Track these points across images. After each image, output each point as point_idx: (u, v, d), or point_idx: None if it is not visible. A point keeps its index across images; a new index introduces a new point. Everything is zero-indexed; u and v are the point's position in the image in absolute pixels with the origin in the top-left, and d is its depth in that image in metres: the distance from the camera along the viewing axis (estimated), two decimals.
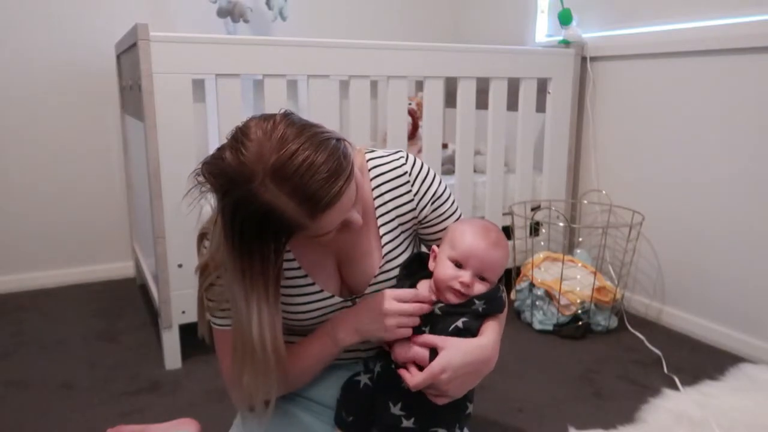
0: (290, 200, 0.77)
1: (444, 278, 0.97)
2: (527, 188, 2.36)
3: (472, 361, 0.90)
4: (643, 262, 2.23)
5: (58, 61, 2.42)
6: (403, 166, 1.03)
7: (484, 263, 0.97)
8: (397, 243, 1.04)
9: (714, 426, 1.43)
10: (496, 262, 0.98)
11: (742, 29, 1.84)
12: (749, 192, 1.87)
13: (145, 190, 1.83)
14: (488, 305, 0.97)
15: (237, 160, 0.77)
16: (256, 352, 0.86)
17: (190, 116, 1.69)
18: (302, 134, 0.79)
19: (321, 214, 0.80)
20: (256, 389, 0.89)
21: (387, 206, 1.03)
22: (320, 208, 0.79)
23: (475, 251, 0.96)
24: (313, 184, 0.77)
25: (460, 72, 2.10)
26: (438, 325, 0.94)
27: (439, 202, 1.05)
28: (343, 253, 1.03)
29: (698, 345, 1.99)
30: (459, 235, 0.99)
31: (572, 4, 2.36)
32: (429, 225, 1.06)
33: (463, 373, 0.90)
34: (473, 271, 0.96)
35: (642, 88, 2.18)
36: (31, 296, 2.42)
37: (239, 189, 0.77)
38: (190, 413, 1.55)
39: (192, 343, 1.86)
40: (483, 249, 0.97)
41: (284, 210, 0.78)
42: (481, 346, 0.93)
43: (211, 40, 1.69)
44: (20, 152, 2.43)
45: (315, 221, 0.80)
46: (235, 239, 0.80)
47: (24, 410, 1.57)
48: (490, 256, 0.97)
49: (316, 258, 1.01)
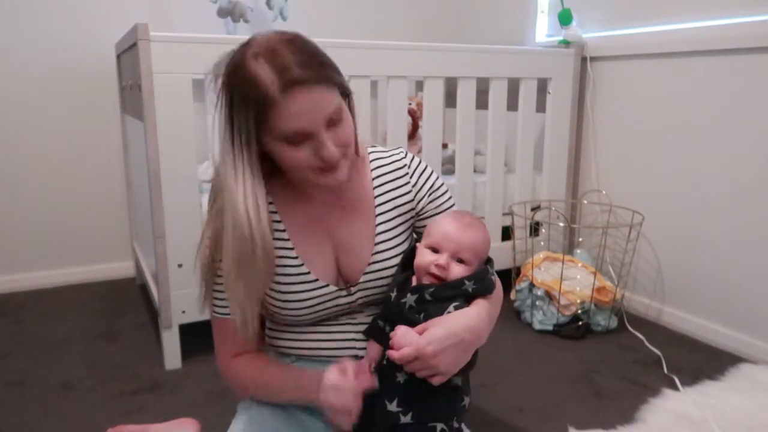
0: (270, 70, 0.85)
1: (422, 265, 0.99)
2: (527, 188, 2.36)
3: (457, 331, 0.90)
4: (643, 262, 2.23)
5: (58, 61, 2.42)
6: (403, 159, 1.09)
7: (459, 244, 0.98)
8: (393, 234, 1.07)
9: (714, 426, 1.43)
10: (470, 241, 0.99)
11: (742, 29, 1.84)
12: (749, 192, 1.87)
13: (145, 190, 1.83)
14: (477, 285, 0.97)
15: (241, 45, 0.90)
16: (246, 238, 0.90)
17: (190, 116, 1.69)
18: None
19: (290, 90, 0.85)
20: (246, 293, 0.94)
21: (386, 196, 1.07)
22: (290, 83, 0.84)
23: (447, 233, 0.99)
24: (293, 57, 0.86)
25: (460, 72, 2.10)
26: (431, 310, 0.95)
27: (437, 194, 1.10)
28: (339, 239, 1.05)
29: (698, 345, 1.99)
30: (434, 225, 1.03)
31: (572, 4, 2.36)
32: (426, 217, 1.10)
33: (450, 345, 0.89)
34: (449, 253, 0.98)
35: (642, 88, 2.18)
36: (31, 296, 2.42)
37: (235, 60, 0.89)
38: (190, 413, 1.55)
39: (192, 343, 1.86)
40: (455, 230, 0.99)
41: (263, 79, 0.85)
42: (466, 315, 0.93)
43: (211, 40, 1.69)
44: (20, 152, 2.43)
45: (285, 98, 0.85)
46: (224, 109, 0.90)
47: (24, 410, 1.57)
48: (464, 237, 0.99)
49: (313, 245, 1.03)
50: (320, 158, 0.90)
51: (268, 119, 0.87)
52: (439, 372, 0.90)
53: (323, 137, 0.89)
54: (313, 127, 0.88)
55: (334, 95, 0.90)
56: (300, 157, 0.90)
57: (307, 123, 0.88)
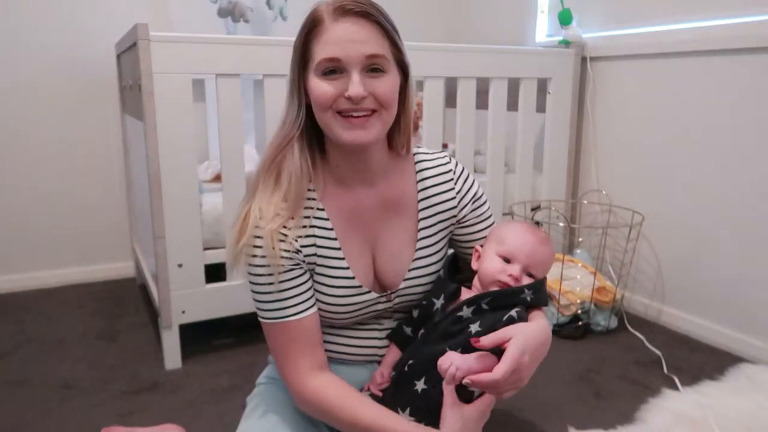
0: (329, 4, 0.89)
1: (492, 272, 0.97)
2: (527, 188, 2.36)
3: (542, 341, 0.89)
4: (643, 262, 2.23)
5: (58, 61, 2.42)
6: (448, 164, 1.06)
7: (533, 259, 0.97)
8: (434, 240, 1.05)
9: (714, 426, 1.43)
10: (544, 258, 0.99)
11: (742, 29, 1.84)
12: (749, 192, 1.87)
13: (145, 190, 1.83)
14: (536, 296, 0.96)
15: None
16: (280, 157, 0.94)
17: (190, 116, 1.69)
18: None
19: (338, 17, 0.87)
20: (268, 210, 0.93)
21: (429, 201, 1.04)
22: (340, 10, 0.87)
23: (523, 246, 0.97)
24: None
25: (460, 72, 2.10)
26: (488, 319, 0.92)
27: (479, 203, 1.08)
28: (380, 241, 1.02)
29: (698, 345, 1.99)
30: (507, 232, 1.01)
31: (572, 4, 2.36)
32: (466, 225, 1.07)
33: (538, 355, 0.88)
34: (522, 265, 0.97)
35: (642, 88, 2.18)
36: (31, 296, 2.42)
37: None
38: (189, 413, 1.55)
39: (192, 343, 1.86)
40: (531, 244, 0.98)
41: (320, 6, 0.90)
42: (541, 326, 0.92)
43: (211, 40, 1.69)
44: (20, 152, 2.43)
45: (331, 22, 0.88)
46: (294, 41, 0.94)
47: (24, 410, 1.57)
48: (539, 252, 0.98)
49: (355, 244, 1.00)
50: (347, 96, 0.87)
51: (313, 47, 0.89)
52: (521, 383, 0.87)
53: (354, 75, 0.87)
54: (348, 59, 0.87)
55: (381, 41, 0.89)
56: (328, 92, 0.88)
57: (342, 52, 0.86)
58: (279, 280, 0.93)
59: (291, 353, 0.95)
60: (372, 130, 0.90)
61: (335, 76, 0.88)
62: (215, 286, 1.80)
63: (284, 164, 0.94)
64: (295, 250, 0.94)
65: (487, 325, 0.91)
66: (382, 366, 1.02)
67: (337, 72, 0.88)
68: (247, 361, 1.82)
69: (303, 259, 0.96)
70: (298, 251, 0.95)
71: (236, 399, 1.61)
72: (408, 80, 0.96)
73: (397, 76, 0.93)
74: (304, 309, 0.95)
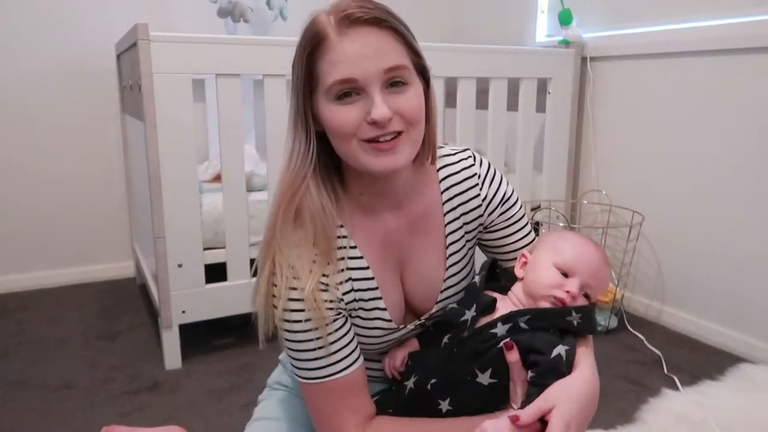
0: (329, 12, 0.77)
1: (547, 284, 0.85)
2: (527, 188, 2.36)
3: (589, 401, 0.80)
4: (643, 262, 2.23)
5: (58, 61, 2.42)
6: (473, 166, 0.95)
7: (595, 276, 0.86)
8: (462, 254, 0.94)
9: (714, 426, 1.43)
10: (605, 277, 0.89)
11: (742, 29, 1.84)
12: (749, 192, 1.87)
13: (145, 190, 1.83)
14: (584, 321, 0.84)
15: None
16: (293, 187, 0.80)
17: (190, 116, 1.69)
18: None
19: (345, 30, 0.75)
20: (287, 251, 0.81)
21: (455, 212, 0.92)
22: (345, 19, 0.75)
23: (587, 261, 0.86)
24: (357, 2, 0.76)
25: (460, 72, 2.10)
26: (523, 340, 0.81)
27: (508, 205, 0.96)
28: (409, 266, 0.92)
29: (698, 345, 1.99)
30: (566, 242, 0.89)
31: (572, 4, 2.36)
32: (495, 230, 0.96)
33: (585, 419, 0.79)
34: (581, 282, 0.85)
35: (642, 88, 2.18)
36: (31, 296, 2.42)
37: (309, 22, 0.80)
38: (190, 413, 1.55)
39: (192, 343, 1.86)
40: (597, 261, 0.87)
41: (320, 18, 0.77)
42: (587, 379, 0.82)
43: (211, 40, 1.69)
44: (20, 152, 2.43)
45: (337, 36, 0.75)
46: (293, 61, 0.81)
47: (24, 410, 1.57)
48: (602, 271, 0.87)
49: (387, 279, 0.90)
50: (370, 121, 0.75)
51: (319, 69, 0.77)
52: None
53: (376, 95, 0.75)
54: (365, 78, 0.74)
55: (399, 50, 0.77)
56: (348, 120, 0.76)
57: (357, 70, 0.74)
58: (327, 334, 0.82)
59: (340, 411, 0.84)
60: (403, 154, 0.78)
61: (351, 99, 0.76)
62: (215, 286, 1.80)
63: (303, 204, 0.81)
64: (338, 299, 0.84)
65: (522, 348, 0.81)
66: (400, 350, 0.92)
67: (353, 94, 0.76)
68: (247, 361, 1.82)
69: (345, 306, 0.85)
70: (341, 299, 0.84)
71: (236, 399, 1.61)
72: (429, 85, 0.84)
73: (420, 85, 0.81)
74: (354, 360, 0.85)
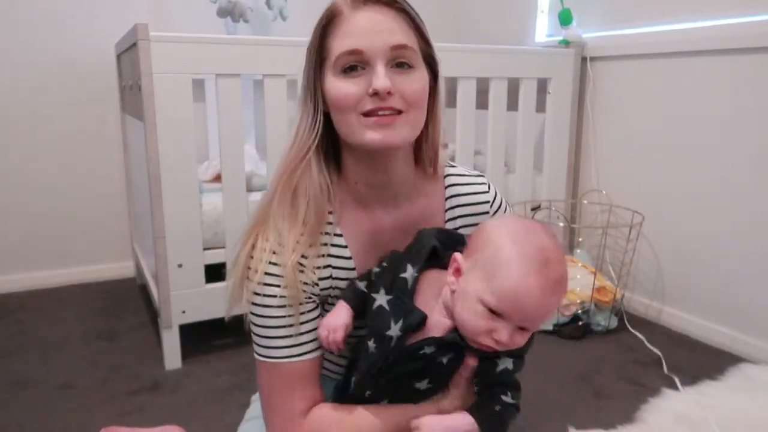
0: None
1: (473, 328, 0.72)
2: (527, 188, 2.36)
3: None
4: (643, 262, 2.23)
5: (58, 61, 2.42)
6: (486, 194, 0.93)
7: (534, 314, 0.71)
8: None
9: (714, 426, 1.43)
10: (547, 311, 0.72)
11: (742, 29, 1.84)
12: (749, 192, 1.87)
13: (145, 190, 1.83)
14: (515, 369, 0.79)
15: None
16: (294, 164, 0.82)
17: (190, 116, 1.69)
18: None
19: (359, 7, 0.79)
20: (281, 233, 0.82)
21: (458, 230, 0.89)
22: (362, 1, 0.79)
23: (523, 301, 0.69)
24: None
25: (460, 72, 2.10)
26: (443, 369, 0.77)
27: None
28: None
29: (698, 345, 1.99)
30: (501, 265, 0.71)
31: (572, 4, 2.36)
32: None
33: None
34: (514, 325, 0.71)
35: (642, 88, 2.18)
36: (31, 296, 2.42)
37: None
38: (190, 413, 1.55)
39: (192, 343, 1.86)
40: (536, 298, 0.69)
41: (339, 1, 0.81)
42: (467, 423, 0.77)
43: (211, 40, 1.69)
44: (20, 152, 2.43)
45: (351, 13, 0.79)
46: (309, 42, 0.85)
47: (24, 410, 1.57)
48: (544, 305, 0.70)
49: (368, 268, 0.87)
50: (371, 92, 0.76)
51: (330, 42, 0.80)
52: None
53: (379, 67, 0.76)
54: (370, 50, 0.76)
55: (408, 32, 0.80)
56: (350, 91, 0.77)
57: (365, 42, 0.76)
58: (299, 313, 0.82)
59: (294, 396, 0.83)
60: (401, 131, 0.78)
61: (357, 73, 0.77)
62: (215, 286, 1.80)
63: (301, 182, 0.82)
64: (313, 283, 0.83)
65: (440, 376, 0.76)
66: (339, 326, 0.82)
67: (359, 68, 0.77)
68: (247, 361, 1.82)
69: (318, 292, 0.84)
70: (316, 284, 0.83)
71: (236, 399, 1.61)
72: (437, 82, 0.85)
73: (426, 75, 0.82)
74: (317, 347, 0.84)
